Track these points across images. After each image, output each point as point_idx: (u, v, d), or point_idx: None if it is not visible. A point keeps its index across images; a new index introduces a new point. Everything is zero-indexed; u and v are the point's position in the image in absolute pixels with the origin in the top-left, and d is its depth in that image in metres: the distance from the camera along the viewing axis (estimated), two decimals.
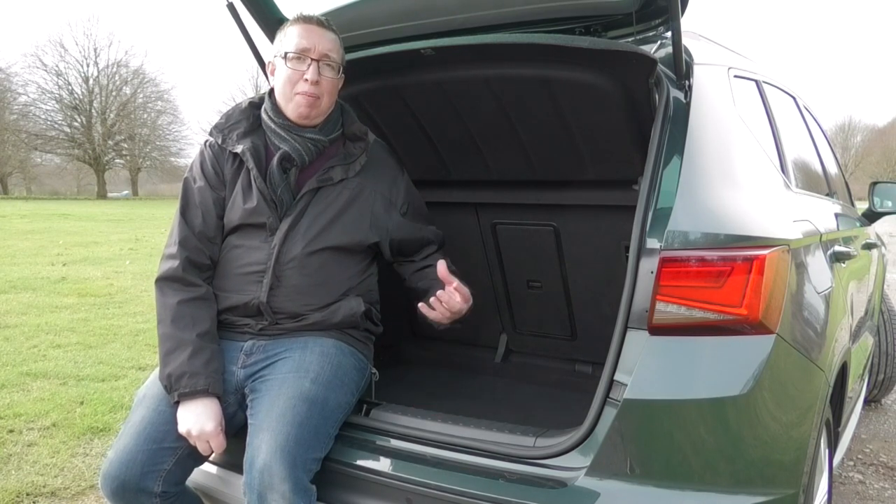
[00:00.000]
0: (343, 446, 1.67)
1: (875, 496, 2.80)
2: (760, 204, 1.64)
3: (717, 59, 1.84)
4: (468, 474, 1.52)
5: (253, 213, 1.74)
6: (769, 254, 1.42)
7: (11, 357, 4.43)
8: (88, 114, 44.95)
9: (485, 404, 2.16)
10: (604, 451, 1.39)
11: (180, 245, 1.74)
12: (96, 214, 21.50)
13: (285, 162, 1.75)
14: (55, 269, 8.71)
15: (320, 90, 1.73)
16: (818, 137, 3.00)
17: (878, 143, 56.01)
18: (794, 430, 1.50)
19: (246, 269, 1.74)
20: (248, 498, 1.51)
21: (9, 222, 16.39)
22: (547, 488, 1.42)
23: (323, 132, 1.79)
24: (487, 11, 1.89)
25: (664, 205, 1.44)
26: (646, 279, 1.40)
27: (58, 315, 5.84)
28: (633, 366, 1.39)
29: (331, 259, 1.76)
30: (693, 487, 1.37)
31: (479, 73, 1.93)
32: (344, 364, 1.73)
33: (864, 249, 2.85)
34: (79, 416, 3.36)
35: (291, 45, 1.73)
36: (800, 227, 1.74)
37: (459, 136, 2.25)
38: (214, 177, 1.79)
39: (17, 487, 2.61)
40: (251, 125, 1.81)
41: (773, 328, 1.42)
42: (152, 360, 4.46)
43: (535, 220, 2.34)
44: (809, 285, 1.69)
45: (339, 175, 1.78)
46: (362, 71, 1.99)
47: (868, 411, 3.83)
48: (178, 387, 1.61)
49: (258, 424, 1.58)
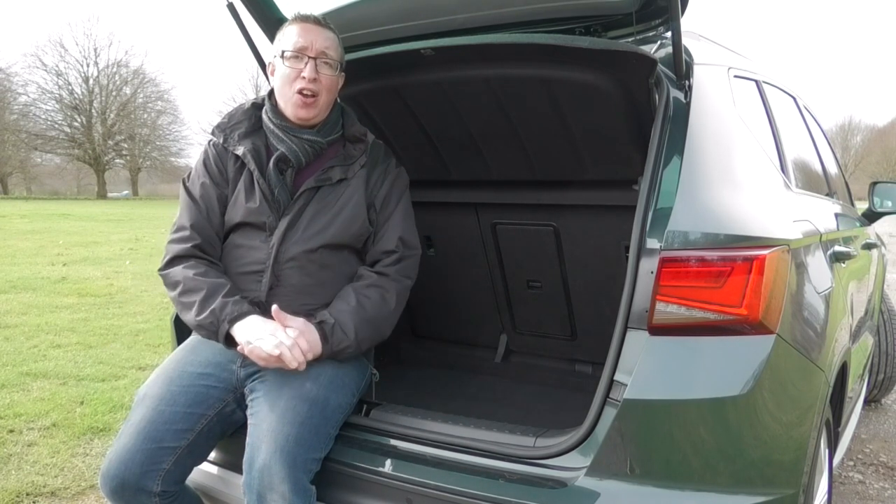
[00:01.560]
0: (343, 446, 1.67)
1: (875, 496, 2.80)
2: (760, 204, 1.64)
3: (717, 59, 1.84)
4: (468, 474, 1.52)
5: (255, 213, 1.75)
6: (769, 254, 1.42)
7: (11, 357, 4.43)
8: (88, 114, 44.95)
9: (485, 404, 2.16)
10: (604, 451, 1.39)
11: (192, 229, 1.75)
12: (96, 214, 21.49)
13: (281, 163, 1.76)
14: (55, 269, 8.71)
15: (318, 87, 1.73)
16: (818, 137, 3.00)
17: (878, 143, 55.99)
18: (794, 430, 1.50)
19: (246, 269, 1.75)
20: (248, 498, 1.52)
21: (9, 222, 16.38)
22: (547, 488, 1.42)
23: (321, 134, 1.79)
24: (487, 11, 1.89)
25: (664, 205, 1.44)
26: (646, 279, 1.40)
27: (58, 315, 5.84)
28: (633, 366, 1.39)
29: (330, 259, 1.76)
30: (693, 487, 1.37)
31: (479, 73, 1.93)
32: (344, 364, 1.73)
33: (864, 249, 2.85)
34: (79, 416, 3.36)
35: (289, 43, 1.74)
36: (800, 227, 1.74)
37: (459, 136, 2.25)
38: (218, 174, 1.81)
39: (17, 487, 2.61)
40: (252, 126, 1.82)
41: (773, 328, 1.42)
42: (152, 360, 4.46)
43: (535, 220, 2.34)
44: (809, 285, 1.69)
45: (339, 175, 1.78)
46: (362, 71, 1.99)
47: (868, 411, 3.83)
48: (224, 315, 1.61)
49: (258, 424, 1.58)
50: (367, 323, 1.71)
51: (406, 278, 1.82)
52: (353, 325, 1.68)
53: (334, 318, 1.67)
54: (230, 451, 1.74)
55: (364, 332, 1.70)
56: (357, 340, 1.69)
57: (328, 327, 1.66)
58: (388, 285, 1.77)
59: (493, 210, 2.43)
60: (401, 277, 1.80)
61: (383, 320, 1.76)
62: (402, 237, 1.82)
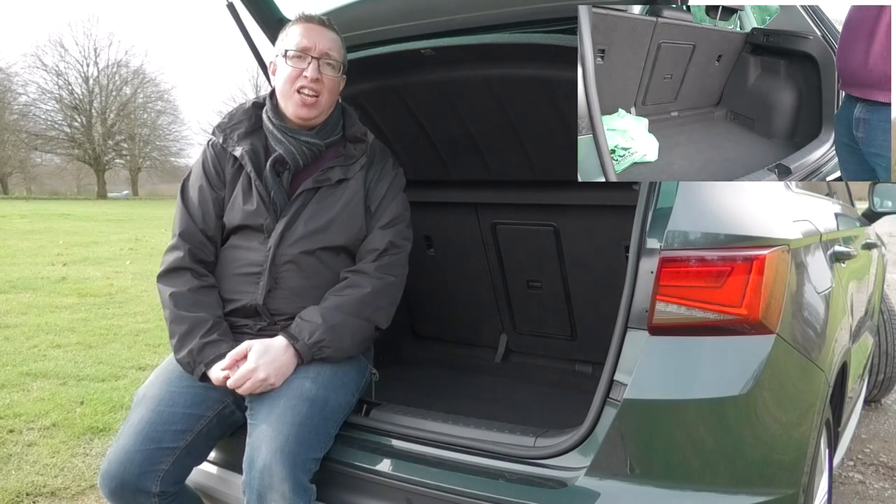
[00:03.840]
0: (343, 446, 1.67)
1: (875, 496, 2.80)
2: (760, 204, 1.64)
3: None
4: (468, 474, 1.52)
5: (252, 215, 1.74)
6: (769, 254, 1.42)
7: (11, 357, 4.43)
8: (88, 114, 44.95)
9: (485, 404, 2.16)
10: (604, 451, 1.39)
11: (182, 238, 1.75)
12: (96, 214, 21.50)
13: (277, 165, 1.75)
14: (55, 269, 8.71)
15: (320, 87, 1.73)
16: None
17: None
18: (794, 430, 1.50)
19: (244, 271, 1.74)
20: (248, 497, 1.52)
21: (9, 222, 16.38)
22: (547, 488, 1.42)
23: (320, 135, 1.79)
24: (487, 11, 1.89)
25: (664, 205, 1.44)
26: (646, 279, 1.40)
27: (58, 315, 5.84)
28: (633, 366, 1.39)
29: (329, 260, 1.76)
30: (693, 487, 1.37)
31: (479, 73, 1.93)
32: (344, 364, 1.73)
33: (864, 249, 2.85)
34: (79, 416, 3.36)
35: (292, 43, 1.73)
36: (800, 227, 1.74)
37: (459, 136, 2.25)
38: (215, 177, 1.80)
39: (17, 487, 2.61)
40: (252, 126, 1.82)
41: (773, 328, 1.42)
42: (152, 360, 4.46)
43: (535, 220, 2.34)
44: (809, 285, 1.69)
45: (338, 175, 1.78)
46: (363, 71, 1.99)
47: (868, 411, 3.83)
48: (202, 358, 1.63)
49: (258, 424, 1.58)
50: (336, 310, 1.69)
51: (388, 275, 1.77)
52: (319, 313, 1.68)
53: (300, 318, 1.69)
54: (230, 451, 1.74)
55: (335, 318, 1.68)
56: (329, 325, 1.66)
57: (292, 327, 1.67)
58: (363, 281, 1.74)
59: (492, 210, 2.43)
60: (382, 275, 1.76)
61: (359, 304, 1.71)
62: (389, 236, 1.80)
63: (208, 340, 1.65)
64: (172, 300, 1.70)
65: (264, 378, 1.60)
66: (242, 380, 1.60)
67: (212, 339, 1.65)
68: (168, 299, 1.71)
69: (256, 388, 1.60)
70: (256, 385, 1.60)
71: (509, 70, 1.88)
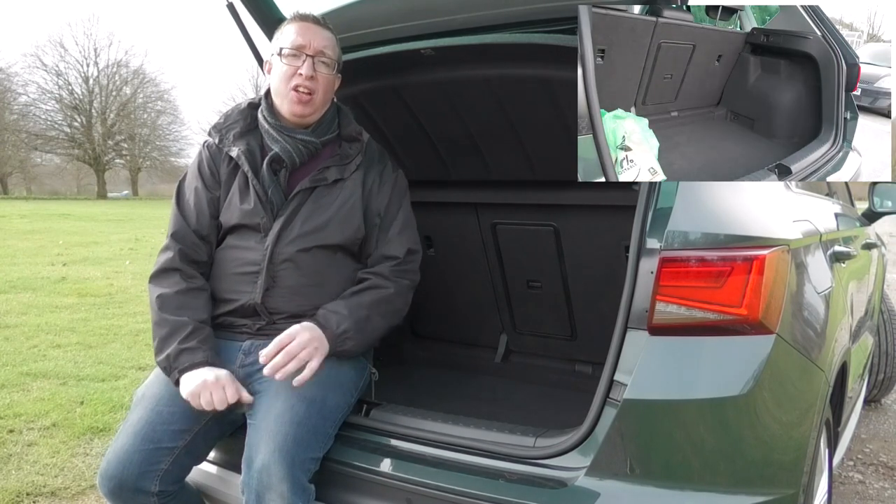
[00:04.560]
0: (343, 446, 1.67)
1: (875, 496, 2.80)
2: (760, 204, 1.64)
3: None
4: (468, 474, 1.52)
5: (249, 214, 1.74)
6: (769, 254, 1.42)
7: (11, 357, 4.43)
8: (88, 114, 44.95)
9: (485, 404, 2.16)
10: (604, 451, 1.39)
11: (174, 238, 1.76)
12: (96, 214, 21.49)
13: (275, 164, 1.76)
14: (55, 269, 8.71)
15: (315, 85, 1.73)
16: None
17: None
18: (794, 430, 1.50)
19: (241, 270, 1.74)
20: (247, 497, 1.52)
21: (9, 222, 16.38)
22: (547, 488, 1.42)
23: (315, 134, 1.79)
24: (487, 11, 1.89)
25: (664, 205, 1.44)
26: (646, 279, 1.40)
27: (58, 315, 5.84)
28: (633, 366, 1.39)
29: (326, 259, 1.76)
30: (693, 487, 1.37)
31: (479, 73, 1.93)
32: (343, 364, 1.73)
33: (864, 249, 2.85)
34: (79, 416, 3.36)
35: (287, 41, 1.74)
36: (800, 227, 1.74)
37: (459, 136, 2.25)
38: (210, 177, 1.80)
39: (17, 487, 2.61)
40: (248, 125, 1.82)
41: (773, 328, 1.42)
42: (152, 360, 4.42)
43: (535, 220, 2.34)
44: (809, 285, 1.69)
45: (334, 175, 1.78)
46: (362, 71, 1.99)
47: (868, 411, 3.83)
48: (178, 364, 1.61)
49: (257, 424, 1.58)
50: (359, 306, 1.71)
51: (405, 279, 1.81)
52: (344, 305, 1.69)
53: (324, 309, 1.69)
54: (229, 451, 1.74)
55: (360, 313, 1.70)
56: (354, 319, 1.68)
57: (318, 316, 1.67)
58: (385, 283, 1.77)
59: (493, 210, 2.43)
60: (398, 279, 1.79)
61: (382, 303, 1.74)
62: (406, 244, 1.83)
63: (185, 347, 1.63)
64: (158, 302, 1.71)
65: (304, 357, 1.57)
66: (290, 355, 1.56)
67: (189, 345, 1.63)
68: (154, 301, 1.72)
69: (304, 357, 1.57)
70: (306, 354, 1.57)
71: (509, 70, 1.88)
